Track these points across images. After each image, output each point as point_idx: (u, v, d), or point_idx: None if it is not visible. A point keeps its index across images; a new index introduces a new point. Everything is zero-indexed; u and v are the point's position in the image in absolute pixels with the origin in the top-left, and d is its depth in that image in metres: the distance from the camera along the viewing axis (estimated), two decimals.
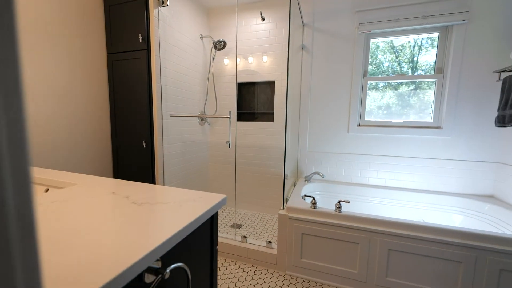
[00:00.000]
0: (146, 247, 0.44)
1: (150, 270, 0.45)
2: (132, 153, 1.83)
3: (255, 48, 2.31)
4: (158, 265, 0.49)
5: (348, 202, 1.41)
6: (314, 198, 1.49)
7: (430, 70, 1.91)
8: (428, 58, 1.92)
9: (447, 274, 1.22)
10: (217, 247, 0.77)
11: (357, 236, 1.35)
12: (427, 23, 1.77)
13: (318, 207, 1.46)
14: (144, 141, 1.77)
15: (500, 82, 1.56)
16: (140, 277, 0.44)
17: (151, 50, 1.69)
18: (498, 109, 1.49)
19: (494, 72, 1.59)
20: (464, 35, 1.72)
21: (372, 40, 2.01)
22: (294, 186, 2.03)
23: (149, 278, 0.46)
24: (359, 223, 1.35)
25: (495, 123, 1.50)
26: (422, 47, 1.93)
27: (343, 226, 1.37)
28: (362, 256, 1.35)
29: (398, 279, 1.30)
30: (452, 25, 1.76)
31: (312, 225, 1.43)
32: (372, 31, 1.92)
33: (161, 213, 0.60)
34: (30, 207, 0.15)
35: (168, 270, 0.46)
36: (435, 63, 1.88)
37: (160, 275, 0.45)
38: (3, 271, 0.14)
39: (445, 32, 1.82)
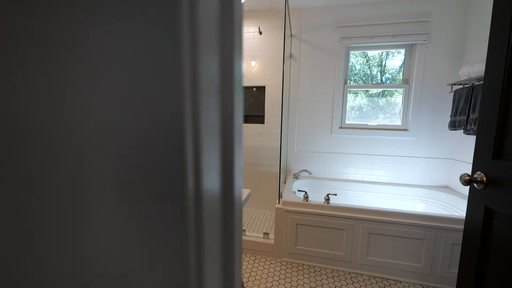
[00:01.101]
0: None
1: None
2: None
3: (246, 54, 2.46)
4: None
5: (335, 195, 1.65)
6: (306, 192, 1.70)
7: (396, 73, 2.23)
8: (394, 62, 2.24)
9: (414, 249, 1.50)
10: None
11: (343, 223, 1.58)
12: (396, 41, 2.07)
13: (310, 200, 1.67)
14: None
15: (452, 93, 1.91)
16: None
17: None
18: (451, 116, 1.83)
19: (447, 84, 1.94)
20: (425, 52, 2.05)
21: (351, 52, 2.29)
22: (285, 183, 2.24)
23: None
24: (345, 212, 1.58)
25: (448, 127, 1.84)
26: (389, 53, 2.25)
27: (331, 216, 1.60)
28: (347, 240, 1.59)
29: (376, 257, 1.56)
30: (416, 44, 2.09)
31: (305, 216, 1.64)
32: (352, 45, 2.19)
33: None
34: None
35: None
36: (402, 74, 2.21)
37: None
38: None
39: (410, 49, 2.15)
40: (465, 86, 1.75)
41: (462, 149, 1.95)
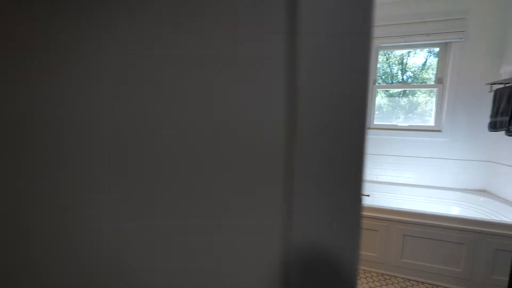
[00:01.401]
0: None
1: None
2: None
3: None
4: None
5: (368, 195, 1.64)
6: None
7: (419, 71, 2.17)
8: (416, 60, 2.17)
9: (452, 254, 1.46)
10: None
11: (377, 225, 1.57)
12: (430, 40, 2.02)
13: None
14: None
15: (492, 93, 1.82)
16: None
17: None
18: (491, 116, 1.75)
19: (486, 84, 1.86)
20: (461, 51, 1.98)
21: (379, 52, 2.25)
22: None
23: None
24: (379, 213, 1.57)
25: (488, 128, 1.76)
26: (412, 50, 2.19)
27: (364, 216, 1.59)
28: (380, 241, 1.58)
29: (411, 260, 1.53)
30: (451, 42, 2.02)
31: None
32: (381, 45, 2.16)
33: None
34: None
35: None
36: (435, 73, 2.15)
37: None
38: None
39: (444, 48, 2.08)
40: (507, 85, 1.67)
41: (502, 151, 1.86)
